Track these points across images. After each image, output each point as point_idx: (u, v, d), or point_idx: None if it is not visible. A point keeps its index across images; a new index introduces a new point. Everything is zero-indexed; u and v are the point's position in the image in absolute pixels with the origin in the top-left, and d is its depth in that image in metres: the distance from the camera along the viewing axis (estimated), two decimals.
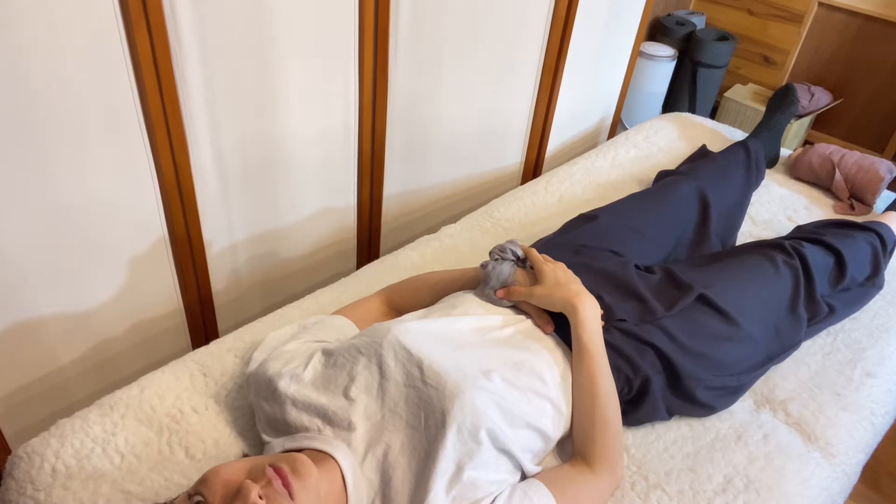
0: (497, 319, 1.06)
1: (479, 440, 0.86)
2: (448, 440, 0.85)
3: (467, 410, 0.86)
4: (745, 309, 1.20)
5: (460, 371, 0.91)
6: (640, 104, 2.92)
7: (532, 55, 1.87)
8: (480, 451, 0.86)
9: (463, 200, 1.99)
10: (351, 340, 1.00)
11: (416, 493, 0.84)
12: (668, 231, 1.44)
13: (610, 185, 1.83)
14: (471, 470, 0.85)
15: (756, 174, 1.73)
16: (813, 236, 1.42)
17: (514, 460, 0.90)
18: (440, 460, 0.84)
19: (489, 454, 0.87)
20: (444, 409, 0.87)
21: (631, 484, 1.05)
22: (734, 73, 3.23)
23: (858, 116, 2.99)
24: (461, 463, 0.85)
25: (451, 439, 0.85)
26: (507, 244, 1.14)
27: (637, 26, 2.27)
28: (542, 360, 1.00)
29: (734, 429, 1.15)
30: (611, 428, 0.97)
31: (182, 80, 1.21)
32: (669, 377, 1.11)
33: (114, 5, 1.06)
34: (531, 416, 0.94)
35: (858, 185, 1.78)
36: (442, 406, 0.87)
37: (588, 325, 1.01)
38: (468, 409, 0.86)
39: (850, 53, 2.90)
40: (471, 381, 0.90)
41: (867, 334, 1.38)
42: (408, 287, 1.22)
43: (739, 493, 1.04)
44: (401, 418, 0.90)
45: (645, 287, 1.20)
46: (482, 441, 0.86)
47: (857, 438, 1.18)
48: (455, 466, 0.85)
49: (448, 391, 0.88)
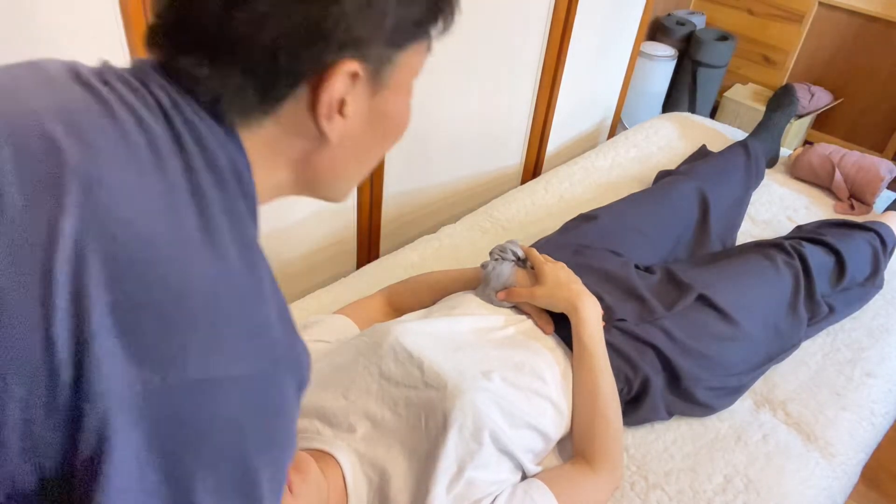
0: (499, 320, 1.06)
1: (481, 441, 0.86)
2: (449, 441, 0.85)
3: (468, 411, 0.86)
4: (744, 309, 1.20)
5: (461, 372, 0.91)
6: (640, 104, 2.92)
7: (532, 55, 1.87)
8: (481, 452, 0.86)
9: (463, 200, 1.99)
10: (351, 341, 1.00)
11: (417, 494, 0.84)
12: (668, 231, 1.44)
13: (610, 185, 1.82)
14: (472, 470, 0.85)
15: (756, 174, 1.73)
16: (813, 236, 1.42)
17: (514, 460, 0.90)
18: (441, 461, 0.84)
19: (490, 455, 0.87)
20: (444, 410, 0.87)
21: (631, 484, 1.05)
22: (734, 73, 3.23)
23: (858, 116, 2.99)
24: (462, 463, 0.85)
25: (453, 440, 0.85)
26: (508, 244, 1.14)
27: (637, 26, 2.27)
28: (542, 361, 1.00)
29: (734, 429, 1.15)
30: (611, 427, 0.97)
31: None
32: (669, 377, 1.11)
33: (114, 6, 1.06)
34: (531, 416, 0.94)
35: (858, 185, 1.78)
36: (443, 407, 0.87)
37: (589, 325, 1.01)
38: (469, 409, 0.86)
39: (850, 53, 2.90)
40: (471, 381, 0.90)
41: (867, 334, 1.37)
42: (408, 287, 1.22)
43: (739, 493, 1.04)
44: (401, 419, 0.90)
45: (645, 287, 1.20)
46: (483, 442, 0.86)
47: (857, 438, 1.18)
48: (456, 467, 0.85)
49: (449, 392, 0.88)
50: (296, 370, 0.49)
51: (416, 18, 0.52)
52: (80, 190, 0.42)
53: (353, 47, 0.49)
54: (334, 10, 0.47)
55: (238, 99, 0.50)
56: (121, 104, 0.48)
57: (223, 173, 0.49)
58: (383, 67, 0.52)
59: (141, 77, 0.50)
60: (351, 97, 0.52)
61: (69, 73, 0.51)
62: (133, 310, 0.41)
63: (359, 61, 0.50)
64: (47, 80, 0.50)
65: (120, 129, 0.46)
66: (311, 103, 0.51)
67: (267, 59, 0.48)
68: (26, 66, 0.52)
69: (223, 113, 0.50)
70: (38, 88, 0.49)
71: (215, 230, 0.46)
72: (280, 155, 0.54)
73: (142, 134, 0.47)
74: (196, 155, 0.48)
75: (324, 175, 0.58)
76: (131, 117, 0.47)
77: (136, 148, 0.46)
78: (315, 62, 0.49)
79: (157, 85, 0.50)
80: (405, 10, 0.50)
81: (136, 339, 0.41)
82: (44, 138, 0.44)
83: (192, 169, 0.47)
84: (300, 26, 0.47)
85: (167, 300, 0.42)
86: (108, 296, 0.41)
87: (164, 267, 0.43)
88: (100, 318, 0.40)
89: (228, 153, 0.50)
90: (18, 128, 0.45)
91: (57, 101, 0.48)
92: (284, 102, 0.51)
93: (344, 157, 0.57)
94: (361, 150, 0.58)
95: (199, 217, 0.46)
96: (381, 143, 0.59)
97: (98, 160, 0.45)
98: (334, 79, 0.49)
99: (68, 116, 0.46)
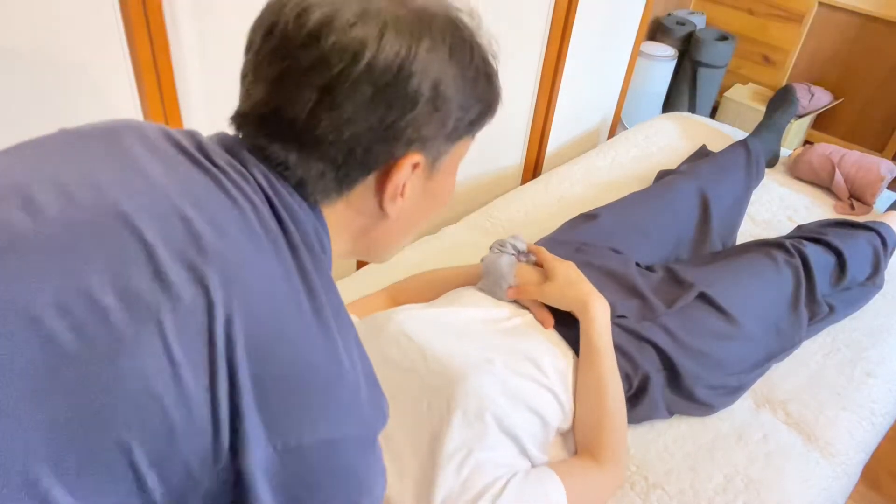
0: (502, 312, 1.06)
1: (485, 423, 0.86)
2: (454, 425, 0.85)
3: (472, 394, 0.86)
4: (745, 308, 1.20)
5: (464, 357, 0.92)
6: (640, 104, 2.92)
7: (532, 55, 1.87)
8: (487, 435, 0.86)
9: (463, 200, 1.99)
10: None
11: (423, 479, 0.84)
12: (668, 230, 1.44)
13: (610, 185, 1.82)
14: (478, 453, 0.85)
15: (756, 173, 1.73)
16: (814, 236, 1.42)
17: (519, 444, 0.90)
18: (446, 445, 0.84)
19: (495, 437, 0.87)
20: (448, 395, 0.87)
21: (631, 483, 1.05)
22: (734, 73, 3.23)
23: (858, 116, 2.99)
24: (468, 447, 0.85)
25: (457, 424, 0.85)
26: (509, 239, 1.14)
27: (637, 26, 2.27)
28: (545, 353, 1.00)
29: (734, 428, 1.15)
30: (617, 426, 0.97)
31: (182, 80, 1.21)
32: (669, 375, 1.11)
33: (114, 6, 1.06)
34: (532, 400, 0.94)
35: (858, 185, 1.78)
36: (446, 391, 0.87)
37: (598, 324, 1.01)
38: (472, 393, 0.87)
39: (850, 53, 2.90)
40: (474, 367, 0.90)
41: (867, 334, 1.37)
42: (411, 284, 1.23)
43: (739, 492, 1.04)
44: (403, 404, 0.90)
45: (646, 285, 1.20)
46: (487, 422, 0.86)
47: (857, 438, 1.18)
48: (462, 451, 0.84)
49: (452, 376, 0.88)
50: (383, 421, 0.57)
51: (471, 120, 0.61)
52: (223, 274, 0.48)
53: (419, 143, 0.57)
54: (409, 116, 0.55)
55: (320, 183, 0.57)
56: (233, 186, 0.53)
57: (315, 250, 0.57)
58: (439, 158, 0.61)
59: (239, 157, 0.56)
60: (410, 181, 0.60)
61: (174, 145, 0.56)
62: (268, 383, 0.48)
63: (422, 154, 0.58)
64: (158, 152, 0.55)
65: (239, 211, 0.52)
66: (378, 188, 0.59)
67: (345, 151, 0.55)
68: (128, 130, 0.57)
69: (308, 195, 0.58)
70: (166, 168, 0.53)
71: (321, 309, 0.53)
72: (345, 229, 0.63)
73: (255, 216, 0.52)
74: (294, 234, 0.55)
75: (378, 244, 0.68)
76: (245, 201, 0.53)
77: (254, 229, 0.52)
78: (386, 156, 0.57)
79: (254, 166, 0.56)
80: (464, 114, 0.59)
81: (270, 409, 0.48)
82: (183, 220, 0.49)
83: (295, 248, 0.54)
84: (378, 126, 0.55)
85: (297, 375, 0.49)
86: (251, 374, 0.47)
87: (293, 346, 0.50)
88: (247, 394, 0.47)
89: (317, 231, 0.58)
90: (157, 206, 0.50)
91: (181, 181, 0.52)
92: (355, 187, 0.59)
93: (397, 229, 0.67)
94: (412, 222, 0.68)
95: (308, 297, 0.53)
96: (427, 215, 0.69)
97: (231, 244, 0.50)
98: (401, 169, 0.58)
99: (195, 199, 0.51)
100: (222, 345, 0.46)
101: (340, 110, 0.53)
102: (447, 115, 0.57)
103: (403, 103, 0.54)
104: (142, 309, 0.45)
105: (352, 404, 0.52)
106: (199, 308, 0.46)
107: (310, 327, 0.51)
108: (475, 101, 0.60)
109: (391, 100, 0.54)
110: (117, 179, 0.51)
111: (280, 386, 0.48)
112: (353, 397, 0.53)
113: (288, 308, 0.51)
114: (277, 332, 0.49)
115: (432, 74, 0.55)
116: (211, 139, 0.59)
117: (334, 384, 0.51)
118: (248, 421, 0.47)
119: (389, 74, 0.53)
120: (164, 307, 0.46)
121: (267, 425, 0.47)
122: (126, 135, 0.56)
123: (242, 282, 0.49)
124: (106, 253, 0.47)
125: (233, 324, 0.47)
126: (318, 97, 0.53)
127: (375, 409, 0.55)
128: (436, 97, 0.56)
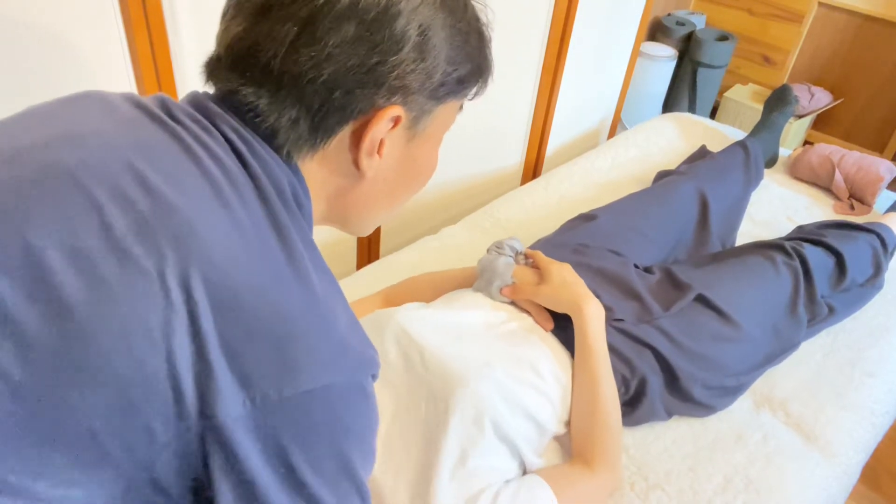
0: (501, 315, 1.06)
1: (483, 428, 0.86)
2: (451, 428, 0.85)
3: (470, 399, 0.86)
4: (744, 309, 1.20)
5: (463, 360, 0.92)
6: (640, 104, 2.92)
7: (532, 55, 1.87)
8: (483, 440, 0.86)
9: (463, 200, 1.99)
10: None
11: (419, 482, 0.84)
12: (667, 231, 1.44)
13: (610, 185, 1.82)
14: (474, 458, 0.85)
15: (755, 174, 1.73)
16: (813, 237, 1.42)
17: (514, 449, 0.90)
18: (443, 448, 0.84)
19: (491, 442, 0.87)
20: (446, 398, 0.87)
21: (631, 484, 1.05)
22: (734, 73, 3.23)
23: (858, 116, 2.99)
24: (464, 451, 0.85)
25: (454, 427, 0.85)
26: (506, 240, 1.14)
27: (637, 26, 2.27)
28: (543, 358, 1.00)
29: (734, 429, 1.15)
30: (611, 429, 0.97)
31: (182, 80, 1.21)
32: (667, 377, 1.11)
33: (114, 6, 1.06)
34: (530, 406, 0.94)
35: (858, 186, 1.78)
36: (445, 394, 0.87)
37: (592, 326, 1.01)
38: (471, 398, 0.87)
39: (850, 53, 2.90)
40: (474, 371, 0.90)
41: (867, 334, 1.37)
42: (407, 287, 1.22)
43: (739, 493, 1.04)
44: (400, 405, 0.90)
45: (644, 287, 1.20)
46: (485, 428, 0.86)
47: (857, 438, 1.18)
48: (458, 454, 0.84)
49: (451, 380, 0.88)
50: (370, 368, 0.54)
51: (460, 77, 0.58)
52: (178, 228, 0.46)
53: (401, 95, 0.55)
54: (393, 59, 0.52)
55: (292, 132, 0.54)
56: (194, 140, 0.52)
57: (290, 202, 0.54)
58: (422, 117, 0.58)
59: (204, 111, 0.55)
60: (389, 139, 0.57)
61: (136, 105, 0.54)
62: (238, 334, 0.46)
63: (403, 108, 0.55)
64: (116, 113, 0.53)
65: (199, 166, 0.50)
66: (353, 142, 0.57)
67: (323, 94, 0.52)
68: (88, 98, 0.55)
69: (280, 146, 0.55)
70: (117, 125, 0.52)
71: (298, 259, 0.51)
72: (320, 190, 0.60)
73: (218, 167, 0.51)
74: (267, 185, 0.53)
75: (354, 210, 0.64)
76: (206, 153, 0.51)
77: (215, 180, 0.50)
78: (366, 103, 0.54)
79: (220, 118, 0.54)
80: (452, 68, 0.57)
81: (243, 361, 0.46)
82: (135, 174, 0.48)
83: (267, 200, 0.52)
84: (359, 68, 0.52)
85: (270, 326, 0.47)
86: (217, 329, 0.46)
87: (264, 296, 0.48)
88: (214, 347, 0.45)
89: (291, 183, 0.55)
90: (110, 165, 0.48)
91: (136, 137, 0.51)
92: (330, 140, 0.56)
93: (374, 194, 0.63)
94: (390, 190, 0.64)
95: (282, 248, 0.51)
96: (407, 186, 0.65)
97: (189, 200, 0.48)
98: (380, 120, 0.55)
99: (150, 153, 0.50)
100: (179, 300, 0.45)
101: (321, 45, 0.51)
102: (433, 67, 0.55)
103: (389, 44, 0.52)
104: (91, 269, 0.44)
105: (334, 354, 0.50)
106: (151, 264, 0.45)
107: (283, 277, 0.49)
108: (465, 59, 0.57)
109: (376, 39, 0.51)
110: (66, 137, 0.50)
111: (253, 337, 0.46)
112: (335, 347, 0.50)
113: (257, 258, 0.49)
114: (245, 282, 0.47)
115: (420, 18, 0.53)
116: (183, 99, 0.57)
117: (313, 334, 0.49)
118: (218, 374, 0.45)
119: (375, 10, 0.51)
120: (111, 265, 0.44)
121: (241, 378, 0.46)
122: (84, 99, 0.55)
123: (199, 234, 0.47)
124: (52, 210, 0.45)
125: (190, 277, 0.45)
126: (299, 30, 0.51)
127: (360, 357, 0.53)
128: (423, 43, 0.53)
